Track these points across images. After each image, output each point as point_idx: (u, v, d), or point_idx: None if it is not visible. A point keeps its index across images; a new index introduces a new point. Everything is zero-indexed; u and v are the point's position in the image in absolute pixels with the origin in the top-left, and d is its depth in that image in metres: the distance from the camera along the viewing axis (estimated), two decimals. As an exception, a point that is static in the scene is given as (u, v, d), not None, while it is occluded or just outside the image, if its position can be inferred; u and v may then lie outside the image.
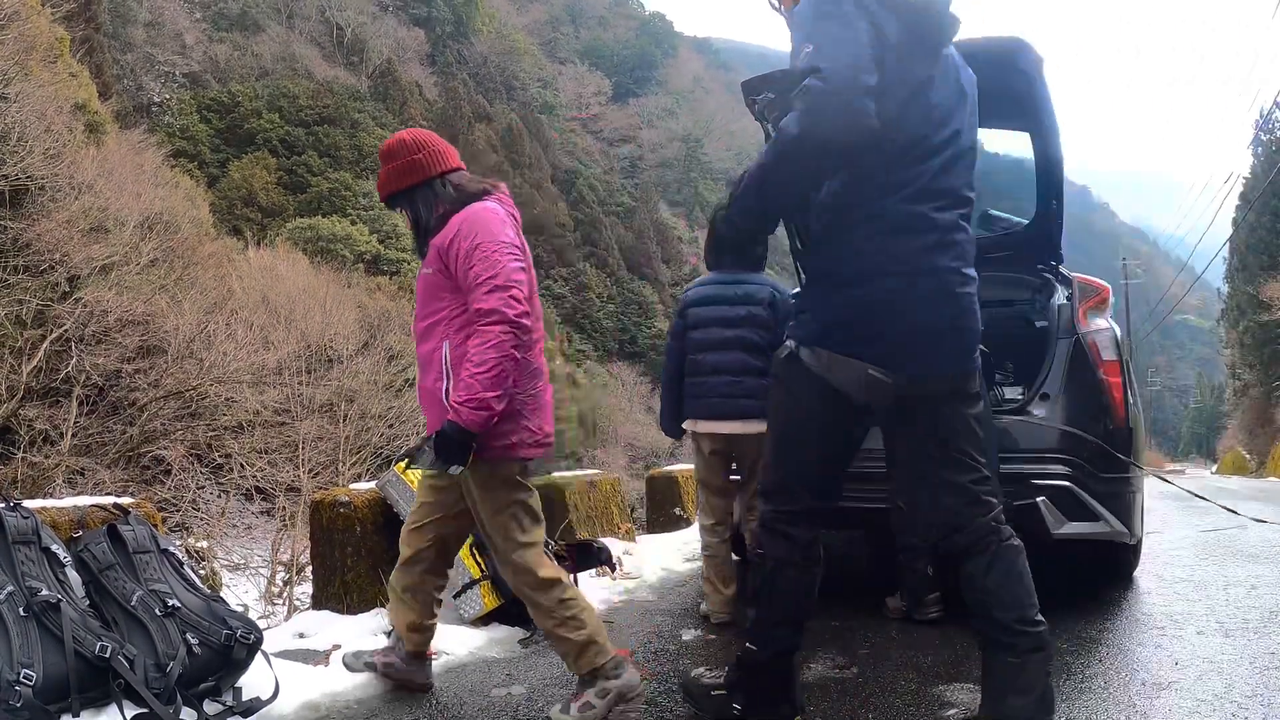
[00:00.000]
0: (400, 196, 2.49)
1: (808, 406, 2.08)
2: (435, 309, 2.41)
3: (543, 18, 73.87)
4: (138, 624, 2.34)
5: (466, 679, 2.79)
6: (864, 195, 1.95)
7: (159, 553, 2.56)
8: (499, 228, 2.35)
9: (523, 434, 2.40)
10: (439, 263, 2.38)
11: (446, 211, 2.42)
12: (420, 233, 2.49)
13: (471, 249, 2.29)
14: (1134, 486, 3.40)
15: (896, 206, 1.93)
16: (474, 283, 2.27)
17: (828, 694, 2.52)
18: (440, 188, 2.45)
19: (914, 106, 1.94)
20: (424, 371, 2.46)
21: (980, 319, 2.10)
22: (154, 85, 39.78)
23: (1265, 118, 30.02)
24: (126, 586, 2.41)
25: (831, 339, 1.99)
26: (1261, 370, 29.95)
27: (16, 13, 14.21)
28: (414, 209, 2.48)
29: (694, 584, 4.30)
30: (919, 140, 1.96)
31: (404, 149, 2.47)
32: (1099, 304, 3.61)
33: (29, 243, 13.05)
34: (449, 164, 2.48)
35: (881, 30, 1.88)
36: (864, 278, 1.94)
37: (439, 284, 2.40)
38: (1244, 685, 2.47)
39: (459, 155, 2.56)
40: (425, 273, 2.45)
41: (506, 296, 2.24)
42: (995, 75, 3.62)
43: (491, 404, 2.21)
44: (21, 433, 11.41)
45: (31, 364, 11.77)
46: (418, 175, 2.45)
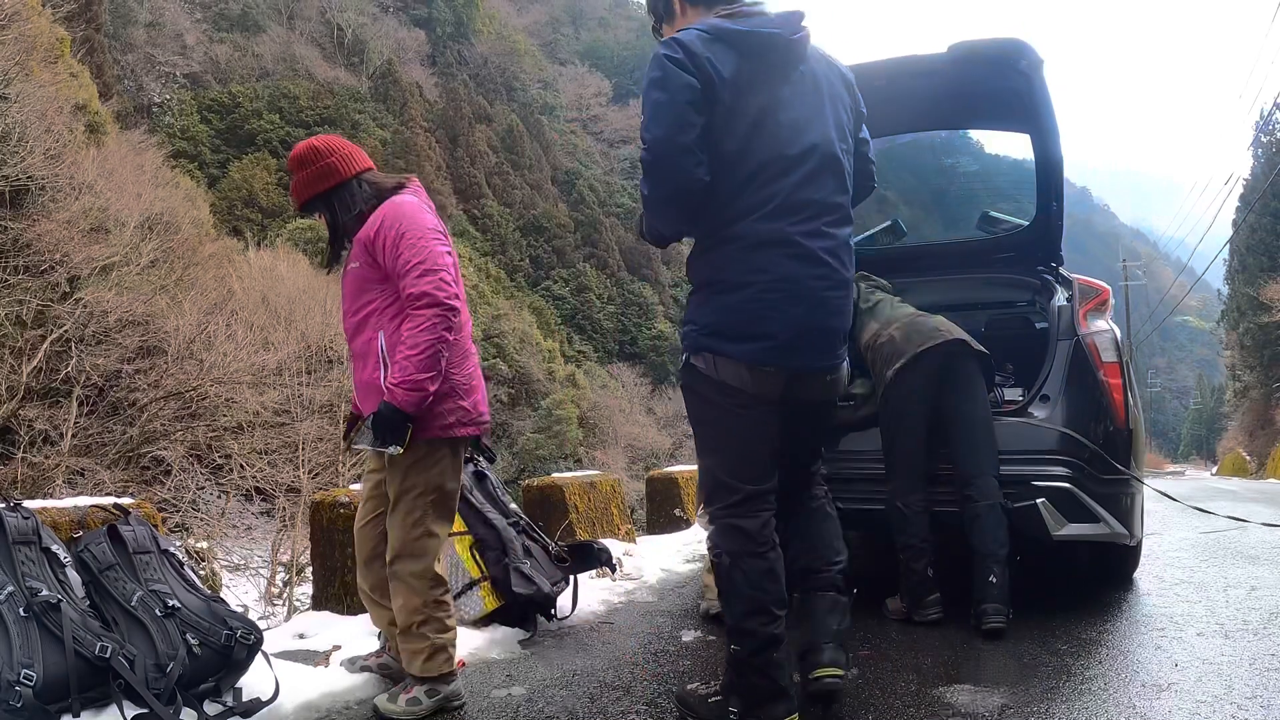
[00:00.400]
0: (317, 201, 2.53)
1: (716, 407, 2.21)
2: (366, 301, 2.47)
3: (543, 19, 73.92)
4: (138, 624, 2.34)
5: (466, 679, 2.79)
6: (723, 219, 2.13)
7: (159, 553, 2.56)
8: (422, 215, 2.44)
9: (459, 413, 2.47)
10: (365, 256, 2.44)
11: (364, 210, 2.48)
12: (336, 235, 2.55)
13: (398, 237, 2.36)
14: (1134, 488, 3.40)
15: (754, 226, 2.11)
16: (404, 269, 2.34)
17: (828, 694, 2.51)
18: (356, 188, 2.51)
19: (760, 132, 2.11)
20: (361, 364, 2.51)
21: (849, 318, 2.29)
22: (154, 86, 39.81)
23: (1265, 119, 30.04)
24: (127, 587, 2.41)
25: (714, 343, 2.16)
26: (1262, 372, 29.96)
27: (17, 13, 14.23)
28: (331, 212, 2.53)
29: (694, 585, 4.30)
30: (770, 162, 2.12)
31: (315, 155, 2.51)
32: (1099, 305, 3.61)
33: (29, 243, 13.06)
34: (361, 165, 2.54)
35: (714, 74, 2.06)
36: (732, 287, 2.13)
37: (367, 276, 2.46)
38: (1244, 687, 2.47)
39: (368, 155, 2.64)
40: (352, 267, 2.50)
41: (437, 280, 2.32)
42: (995, 76, 3.64)
43: (425, 385, 2.30)
44: (21, 433, 11.42)
45: (31, 364, 11.78)
46: (333, 179, 2.49)
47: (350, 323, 2.53)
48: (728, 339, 2.14)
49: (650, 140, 2.08)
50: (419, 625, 2.43)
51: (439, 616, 2.46)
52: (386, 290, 2.44)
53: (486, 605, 3.31)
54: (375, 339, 2.45)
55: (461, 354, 2.51)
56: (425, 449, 2.44)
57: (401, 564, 2.47)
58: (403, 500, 2.47)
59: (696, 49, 2.07)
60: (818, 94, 2.20)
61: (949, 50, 3.64)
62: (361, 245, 2.45)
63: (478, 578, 3.33)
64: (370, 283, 2.46)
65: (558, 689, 2.67)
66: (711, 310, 2.17)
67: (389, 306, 2.43)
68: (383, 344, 2.42)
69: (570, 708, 2.49)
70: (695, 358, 2.19)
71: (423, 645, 2.43)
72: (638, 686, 2.67)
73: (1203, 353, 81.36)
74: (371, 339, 2.46)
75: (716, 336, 2.15)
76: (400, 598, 2.47)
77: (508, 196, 44.51)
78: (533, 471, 24.65)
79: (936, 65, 3.67)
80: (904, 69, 3.81)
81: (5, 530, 2.30)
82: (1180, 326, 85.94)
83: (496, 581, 3.33)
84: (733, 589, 2.21)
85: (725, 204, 2.12)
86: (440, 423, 2.43)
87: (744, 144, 2.10)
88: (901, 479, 3.32)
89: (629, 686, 2.68)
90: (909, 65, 3.78)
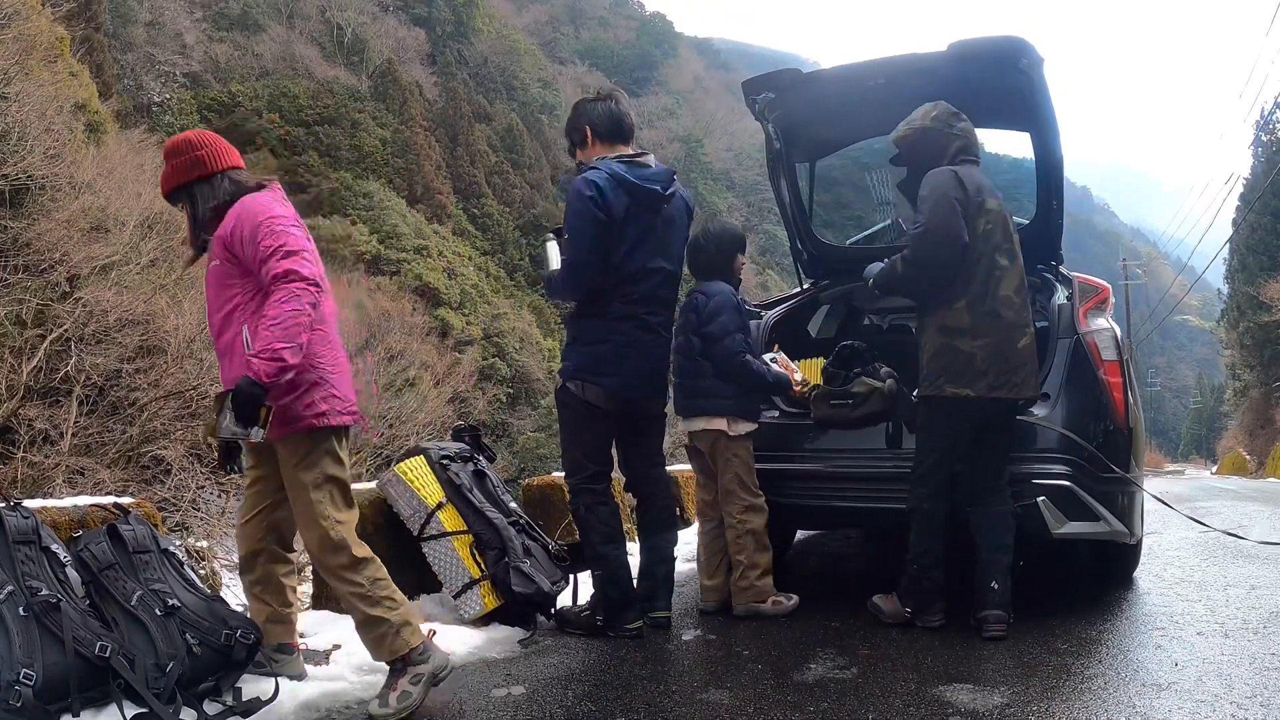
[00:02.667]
0: (181, 190, 2.56)
1: (580, 416, 3.31)
2: (229, 297, 2.48)
3: (543, 18, 73.83)
4: (138, 624, 2.34)
5: (466, 679, 2.79)
6: (603, 300, 3.23)
7: (159, 552, 2.56)
8: (278, 206, 2.47)
9: (332, 402, 2.48)
10: (224, 252, 2.46)
11: (221, 204, 2.51)
12: (195, 226, 2.59)
13: (255, 227, 2.39)
14: (1135, 486, 3.40)
15: (621, 307, 3.23)
16: (265, 255, 2.35)
17: (828, 694, 2.52)
18: (219, 182, 2.53)
19: (635, 252, 3.21)
20: (227, 362, 2.53)
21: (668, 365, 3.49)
22: (154, 85, 39.76)
23: (1265, 118, 30.02)
24: (126, 586, 2.41)
25: (583, 375, 3.27)
26: (1261, 371, 29.92)
27: (17, 12, 14.22)
28: (193, 202, 2.56)
29: (694, 584, 4.30)
30: (638, 272, 3.23)
31: (188, 146, 2.55)
32: (1099, 304, 3.61)
33: (29, 242, 13.04)
34: (229, 162, 2.57)
35: (614, 210, 3.13)
36: (599, 341, 3.25)
37: (228, 272, 2.48)
38: (1244, 686, 2.47)
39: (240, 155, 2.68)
40: (213, 265, 2.52)
41: (298, 259, 2.34)
42: (995, 75, 3.64)
43: (285, 356, 2.26)
44: (21, 432, 11.40)
45: (31, 364, 11.76)
46: (199, 170, 2.53)
47: (215, 320, 2.54)
48: (592, 374, 3.24)
49: (572, 254, 3.16)
50: (371, 609, 2.43)
51: (385, 595, 2.46)
52: (248, 284, 2.46)
53: (486, 604, 3.31)
54: (239, 335, 2.46)
55: (329, 344, 2.53)
56: (308, 442, 2.46)
57: (325, 560, 2.47)
58: (300, 498, 2.48)
59: (606, 191, 3.11)
60: (670, 229, 3.33)
61: (949, 49, 3.64)
62: (220, 242, 2.47)
63: (478, 577, 3.33)
64: (231, 278, 2.47)
65: (558, 688, 2.66)
66: (583, 355, 3.28)
67: (251, 300, 2.45)
68: (247, 338, 2.43)
69: (570, 707, 2.49)
70: (570, 383, 3.28)
71: (383, 629, 2.43)
72: (638, 686, 2.67)
73: (1202, 352, 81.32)
74: (236, 335, 2.47)
75: (585, 371, 3.26)
76: (340, 593, 2.47)
77: (507, 196, 44.45)
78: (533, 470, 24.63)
79: (936, 64, 3.67)
80: (904, 68, 3.81)
81: (5, 529, 2.30)
82: (1180, 326, 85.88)
83: (496, 580, 3.33)
84: (591, 527, 3.30)
85: (607, 291, 3.21)
86: (314, 411, 2.45)
87: (625, 258, 3.19)
88: (932, 484, 3.18)
89: (629, 686, 2.68)
90: (909, 64, 3.78)
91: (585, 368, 3.26)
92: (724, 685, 2.66)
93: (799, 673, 2.74)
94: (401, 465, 3.54)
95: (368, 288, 24.88)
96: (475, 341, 31.06)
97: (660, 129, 66.74)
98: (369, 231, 34.06)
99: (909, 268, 3.19)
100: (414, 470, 3.50)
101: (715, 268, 3.67)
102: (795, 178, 4.55)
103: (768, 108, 4.15)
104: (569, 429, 3.37)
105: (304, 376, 2.43)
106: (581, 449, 3.34)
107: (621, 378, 3.24)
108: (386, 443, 13.55)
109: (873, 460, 3.61)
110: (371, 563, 2.48)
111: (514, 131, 49.30)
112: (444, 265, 34.37)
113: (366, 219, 34.83)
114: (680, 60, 78.15)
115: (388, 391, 14.58)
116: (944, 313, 3.15)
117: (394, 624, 2.43)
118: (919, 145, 3.28)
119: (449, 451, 3.65)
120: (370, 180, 37.38)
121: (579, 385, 3.25)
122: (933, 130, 3.25)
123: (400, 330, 16.98)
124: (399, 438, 13.71)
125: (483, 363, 29.40)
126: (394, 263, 32.56)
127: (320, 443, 2.48)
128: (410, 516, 3.43)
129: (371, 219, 34.86)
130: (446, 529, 3.39)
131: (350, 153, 39.17)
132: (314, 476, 2.47)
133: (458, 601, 3.31)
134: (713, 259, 3.67)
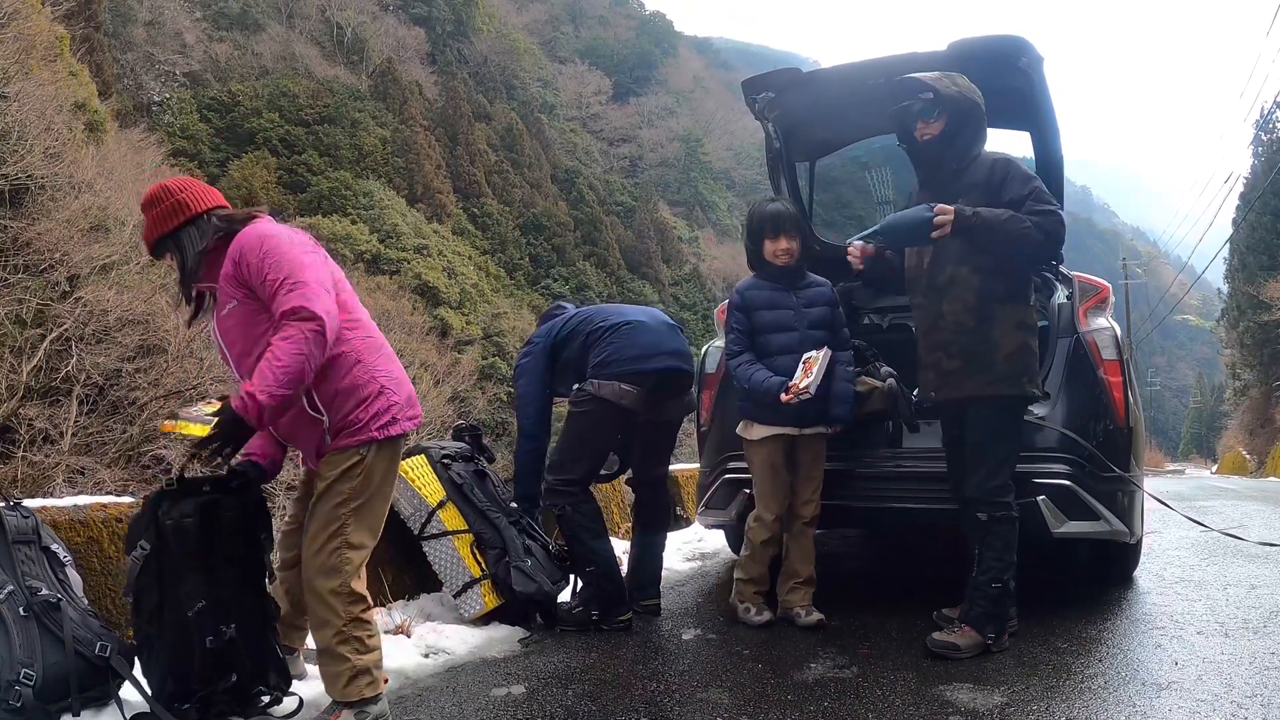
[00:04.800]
0: (168, 239, 2.39)
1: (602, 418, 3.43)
2: (260, 334, 2.28)
3: (543, 17, 73.78)
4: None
5: (466, 679, 2.79)
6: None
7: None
8: (280, 232, 2.33)
9: (393, 410, 2.35)
10: (240, 290, 2.29)
11: (216, 244, 2.35)
12: (185, 277, 2.39)
13: (262, 259, 2.23)
14: (1134, 485, 3.40)
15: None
16: (274, 288, 2.20)
17: (828, 694, 2.52)
18: (206, 221, 2.38)
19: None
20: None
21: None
22: (154, 84, 39.75)
23: (1265, 117, 30.01)
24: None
25: (601, 374, 3.41)
26: (1261, 370, 29.92)
27: (16, 11, 14.22)
28: (181, 249, 2.37)
29: (694, 584, 4.30)
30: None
31: (166, 193, 2.40)
32: (1099, 303, 3.61)
33: (29, 242, 13.05)
34: (213, 201, 2.43)
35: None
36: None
37: (253, 311, 2.30)
38: (1244, 686, 2.47)
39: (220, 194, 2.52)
40: (231, 308, 2.33)
41: (306, 291, 2.18)
42: (995, 74, 3.63)
43: (282, 398, 2.13)
44: (21, 432, 11.41)
45: (31, 363, 11.78)
46: (184, 214, 2.37)
47: (248, 365, 2.30)
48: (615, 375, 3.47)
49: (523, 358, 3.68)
50: (337, 645, 2.27)
51: (359, 636, 2.28)
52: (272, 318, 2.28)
53: (487, 604, 3.30)
54: None
55: (384, 354, 2.40)
56: (355, 454, 2.30)
57: (316, 579, 2.29)
58: (321, 507, 2.32)
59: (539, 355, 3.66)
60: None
61: (949, 48, 3.64)
62: (230, 283, 2.30)
63: (478, 576, 3.33)
64: (259, 315, 2.29)
65: (558, 688, 2.66)
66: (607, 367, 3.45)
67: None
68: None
69: (570, 707, 2.49)
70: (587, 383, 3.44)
71: (342, 667, 2.26)
72: (638, 685, 2.67)
73: (1203, 351, 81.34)
74: None
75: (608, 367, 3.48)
76: (315, 615, 2.31)
77: (507, 195, 44.44)
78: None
79: (936, 63, 3.67)
80: (904, 67, 3.80)
81: (5, 529, 2.30)
82: (1180, 325, 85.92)
83: (497, 580, 3.33)
84: (580, 525, 3.40)
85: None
86: (378, 423, 2.30)
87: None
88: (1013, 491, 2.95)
89: (629, 685, 2.68)
90: (909, 63, 3.78)
91: (605, 363, 3.41)
92: (724, 685, 2.66)
93: (799, 672, 2.75)
94: (402, 464, 3.53)
95: (368, 287, 24.86)
96: (475, 341, 31.04)
97: (660, 128, 66.71)
98: (369, 231, 34.05)
99: (1046, 239, 2.84)
100: (415, 469, 3.50)
101: (751, 260, 3.54)
102: (795, 177, 4.55)
103: (767, 107, 4.15)
104: (582, 427, 3.45)
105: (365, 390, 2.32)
106: (583, 453, 3.46)
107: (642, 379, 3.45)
108: (386, 442, 13.54)
109: (873, 460, 3.61)
110: (362, 602, 2.31)
111: (514, 131, 49.29)
112: (444, 264, 34.38)
113: (366, 218, 34.83)
114: (680, 59, 78.12)
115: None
116: (1023, 309, 2.95)
117: (356, 667, 2.27)
118: (970, 118, 2.98)
119: (450, 451, 3.65)
120: (370, 179, 37.38)
121: (594, 384, 3.37)
122: (980, 111, 3.02)
123: (400, 330, 16.96)
124: (399, 437, 13.69)
125: (483, 362, 29.40)
126: (394, 262, 32.56)
127: (370, 454, 2.33)
128: (411, 515, 3.43)
129: (371, 218, 34.85)
130: (447, 528, 3.39)
131: (350, 152, 39.16)
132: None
133: (458, 601, 3.31)
134: (748, 251, 3.56)
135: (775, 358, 3.33)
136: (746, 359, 3.37)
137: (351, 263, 29.26)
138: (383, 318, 18.65)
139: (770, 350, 3.36)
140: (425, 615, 3.34)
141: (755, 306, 3.43)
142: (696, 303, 45.38)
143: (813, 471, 3.41)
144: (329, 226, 32.66)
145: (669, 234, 52.84)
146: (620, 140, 65.50)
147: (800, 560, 3.41)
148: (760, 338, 3.39)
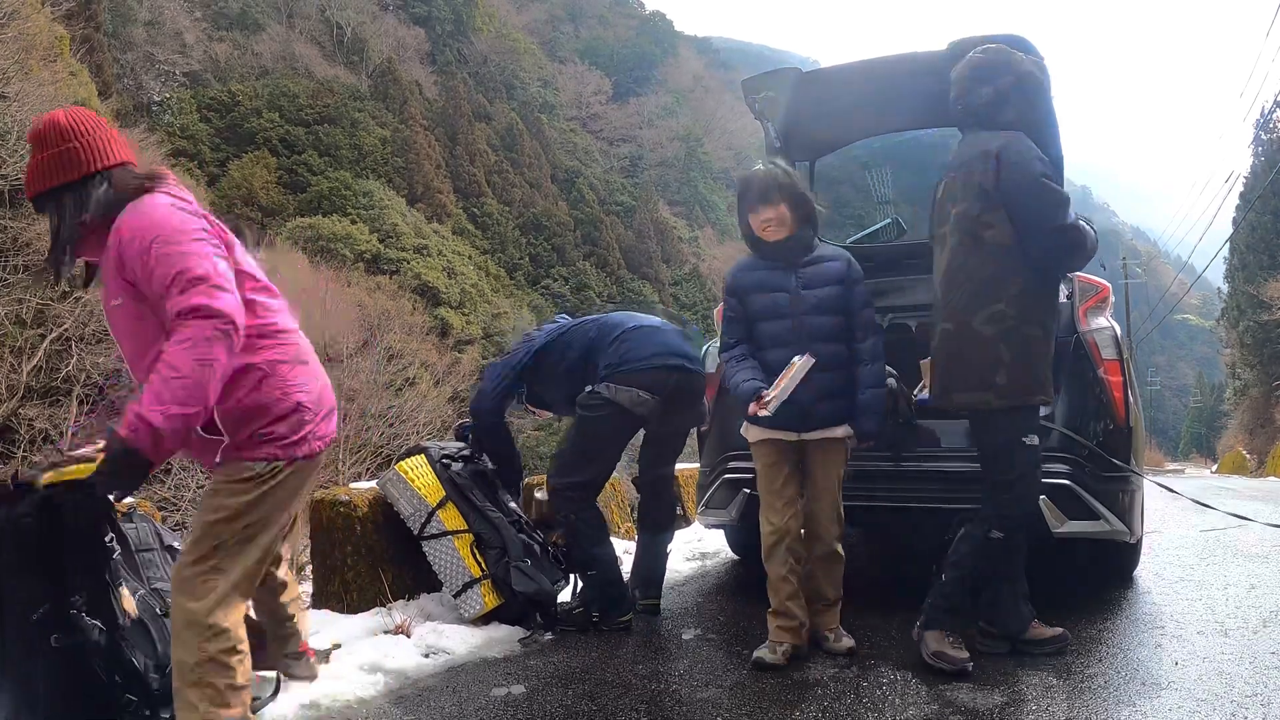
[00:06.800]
0: (46, 197, 1.99)
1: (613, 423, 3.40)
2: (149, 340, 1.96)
3: (543, 17, 73.80)
4: (139, 623, 2.34)
5: (466, 679, 2.79)
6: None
7: (162, 550, 2.56)
8: (167, 215, 1.92)
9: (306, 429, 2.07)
10: (126, 288, 1.95)
11: (94, 221, 1.96)
12: (58, 243, 1.99)
13: (146, 252, 1.87)
14: (1134, 485, 3.40)
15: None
16: (163, 286, 1.85)
17: (828, 694, 2.52)
18: (95, 187, 1.97)
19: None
20: None
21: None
22: (154, 84, 39.77)
23: (1265, 117, 30.00)
24: (129, 585, 2.41)
25: (611, 379, 3.36)
26: (1261, 370, 29.91)
27: (16, 11, 14.22)
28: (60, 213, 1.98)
29: (694, 584, 4.30)
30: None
31: (59, 136, 1.98)
32: (1099, 303, 3.61)
33: (29, 242, 13.05)
34: (111, 158, 2.00)
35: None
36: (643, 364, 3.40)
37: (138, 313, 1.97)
38: (1243, 685, 2.47)
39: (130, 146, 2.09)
40: (114, 305, 1.99)
41: (205, 287, 1.84)
42: (995, 74, 3.62)
43: (182, 419, 1.78)
44: (22, 432, 11.42)
45: (31, 363, 11.79)
46: (70, 172, 1.97)
47: (141, 367, 1.99)
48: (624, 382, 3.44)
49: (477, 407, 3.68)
50: (188, 688, 1.93)
51: (214, 683, 1.92)
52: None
53: (486, 603, 3.30)
54: None
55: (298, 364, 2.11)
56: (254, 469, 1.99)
57: (175, 597, 1.97)
58: (202, 518, 2.01)
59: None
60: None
61: (949, 47, 3.63)
62: (112, 276, 1.95)
63: (478, 576, 3.33)
64: (144, 319, 1.95)
65: (558, 688, 2.66)
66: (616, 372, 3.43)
67: None
68: None
69: (570, 707, 2.49)
70: (601, 386, 3.37)
71: (190, 716, 1.93)
72: (638, 685, 2.67)
73: (1203, 350, 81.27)
74: None
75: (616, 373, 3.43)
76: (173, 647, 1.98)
77: (507, 195, 44.45)
78: (533, 470, 24.49)
79: (936, 63, 3.66)
80: (904, 66, 3.81)
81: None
82: (1180, 324, 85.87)
83: (497, 579, 3.33)
84: (582, 532, 3.39)
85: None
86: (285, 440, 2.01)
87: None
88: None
89: (629, 685, 2.68)
90: (909, 63, 3.78)
91: (613, 365, 3.41)
92: (724, 685, 2.66)
93: (799, 672, 2.75)
94: (402, 464, 3.54)
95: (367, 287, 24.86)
96: (475, 340, 31.05)
97: (660, 128, 66.73)
98: (369, 231, 34.07)
99: (1088, 242, 2.73)
100: (415, 469, 3.50)
101: (745, 239, 3.09)
102: (795, 177, 4.54)
103: (767, 106, 4.15)
104: (593, 432, 3.42)
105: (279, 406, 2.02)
106: (595, 458, 3.46)
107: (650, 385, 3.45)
108: (386, 442, 13.56)
109: (873, 459, 3.60)
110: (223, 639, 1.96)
111: (514, 130, 49.32)
112: (444, 264, 34.39)
113: (366, 218, 34.86)
114: (680, 59, 78.10)
115: (387, 391, 14.58)
116: (1050, 314, 2.81)
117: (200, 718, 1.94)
118: (1033, 95, 2.86)
119: (450, 450, 3.65)
120: (370, 179, 37.40)
121: (610, 389, 3.36)
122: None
123: (400, 330, 16.96)
124: (399, 436, 13.71)
125: (482, 362, 29.39)
126: (394, 262, 32.58)
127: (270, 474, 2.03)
128: (411, 515, 3.43)
129: (371, 218, 34.88)
130: (447, 528, 3.39)
131: (350, 152, 39.19)
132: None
133: (458, 600, 3.31)
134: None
135: (767, 351, 2.91)
136: (737, 353, 2.97)
137: (351, 262, 29.29)
138: (383, 318, 18.67)
139: (762, 342, 2.94)
140: (425, 615, 3.34)
141: (746, 290, 2.98)
142: (696, 303, 45.35)
143: (825, 483, 2.95)
144: (329, 226, 32.70)
145: (669, 234, 52.85)
146: (620, 140, 65.49)
147: (828, 584, 3.02)
148: (756, 326, 2.97)
